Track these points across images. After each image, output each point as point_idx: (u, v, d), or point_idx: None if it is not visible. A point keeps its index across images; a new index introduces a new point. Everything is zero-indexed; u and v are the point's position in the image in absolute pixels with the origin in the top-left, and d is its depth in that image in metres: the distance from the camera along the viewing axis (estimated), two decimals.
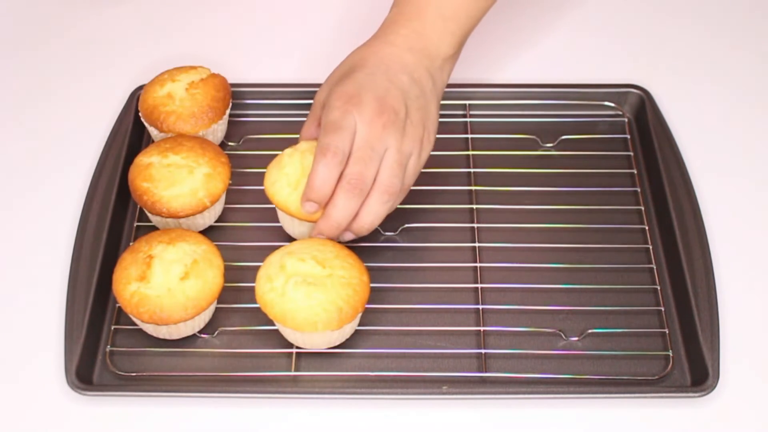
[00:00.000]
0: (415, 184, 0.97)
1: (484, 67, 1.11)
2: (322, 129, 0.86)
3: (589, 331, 0.89)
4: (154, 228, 0.96)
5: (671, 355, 0.87)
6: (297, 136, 1.00)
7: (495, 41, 1.15)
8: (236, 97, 1.04)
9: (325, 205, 0.86)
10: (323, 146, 0.84)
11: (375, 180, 0.86)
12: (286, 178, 0.90)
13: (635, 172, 1.01)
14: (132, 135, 1.02)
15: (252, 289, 0.87)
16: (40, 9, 1.19)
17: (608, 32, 1.16)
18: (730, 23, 1.17)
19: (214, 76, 1.01)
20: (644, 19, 1.17)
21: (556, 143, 1.03)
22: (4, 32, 1.17)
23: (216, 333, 0.89)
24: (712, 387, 0.83)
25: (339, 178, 0.85)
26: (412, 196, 0.96)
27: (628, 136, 1.04)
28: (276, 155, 0.94)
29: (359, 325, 0.89)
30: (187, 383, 0.86)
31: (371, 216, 0.87)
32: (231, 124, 1.04)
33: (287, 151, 0.92)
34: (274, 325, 0.87)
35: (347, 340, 0.88)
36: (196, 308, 0.85)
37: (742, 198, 0.99)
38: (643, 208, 0.98)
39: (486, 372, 0.86)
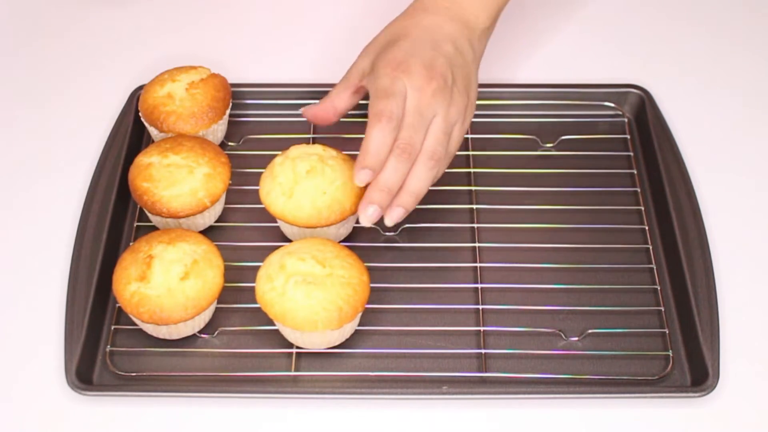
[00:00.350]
0: None
1: (484, 67, 1.11)
2: (373, 95, 0.86)
3: (589, 331, 0.89)
4: (154, 228, 0.96)
5: (671, 355, 0.87)
6: (297, 136, 1.01)
7: (495, 41, 1.14)
8: (236, 97, 1.04)
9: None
10: (378, 112, 0.83)
11: (421, 147, 0.86)
12: (280, 188, 0.91)
13: (635, 172, 1.01)
14: (132, 135, 1.02)
15: (252, 289, 0.87)
16: (40, 9, 1.19)
17: (608, 32, 1.16)
18: (731, 23, 1.17)
19: (214, 76, 1.01)
20: (644, 19, 1.17)
21: (556, 143, 1.03)
22: (4, 32, 1.17)
23: (216, 333, 0.89)
24: (712, 387, 0.83)
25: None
26: None
27: (628, 136, 1.04)
28: (275, 156, 0.94)
29: (359, 325, 0.89)
30: (187, 383, 0.86)
31: (419, 182, 0.85)
32: (231, 124, 1.04)
33: (277, 159, 0.92)
34: (274, 325, 0.87)
35: (347, 340, 0.88)
36: (196, 308, 0.85)
37: (742, 198, 0.99)
38: (643, 208, 0.98)
39: (486, 372, 0.86)
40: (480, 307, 0.90)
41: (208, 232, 0.96)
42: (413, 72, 0.85)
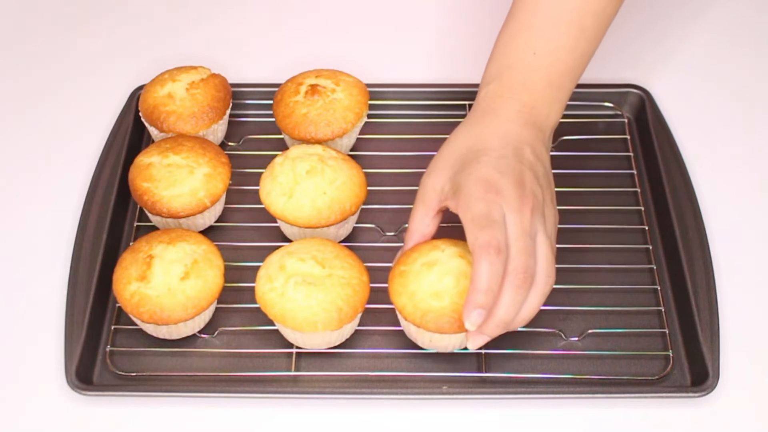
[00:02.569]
0: (415, 185, 0.97)
1: (483, 66, 1.11)
2: (470, 223, 0.79)
3: (589, 331, 0.89)
4: (154, 228, 0.96)
5: (671, 355, 0.87)
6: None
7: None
8: (236, 97, 1.04)
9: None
10: (484, 243, 0.77)
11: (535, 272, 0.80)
12: (281, 188, 0.91)
13: (635, 172, 1.01)
14: (132, 135, 1.02)
15: (252, 289, 0.87)
16: (41, 9, 1.19)
17: (608, 32, 1.16)
18: (731, 23, 1.17)
19: (214, 76, 1.01)
20: (644, 19, 1.17)
21: (556, 143, 1.03)
22: (4, 32, 1.17)
23: (216, 333, 0.89)
24: (712, 387, 0.83)
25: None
26: (412, 196, 0.95)
27: (628, 137, 1.04)
28: (274, 156, 0.94)
29: (359, 325, 0.89)
30: (187, 383, 0.86)
31: (532, 310, 0.80)
32: (231, 124, 1.04)
33: (278, 159, 0.93)
34: (274, 325, 0.87)
35: (347, 340, 0.88)
36: (196, 308, 0.85)
37: (742, 198, 0.99)
38: (643, 209, 0.98)
39: (486, 372, 0.86)
40: None
41: (208, 232, 0.96)
42: (507, 193, 0.79)
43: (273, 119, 1.00)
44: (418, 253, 0.85)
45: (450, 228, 0.96)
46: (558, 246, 0.94)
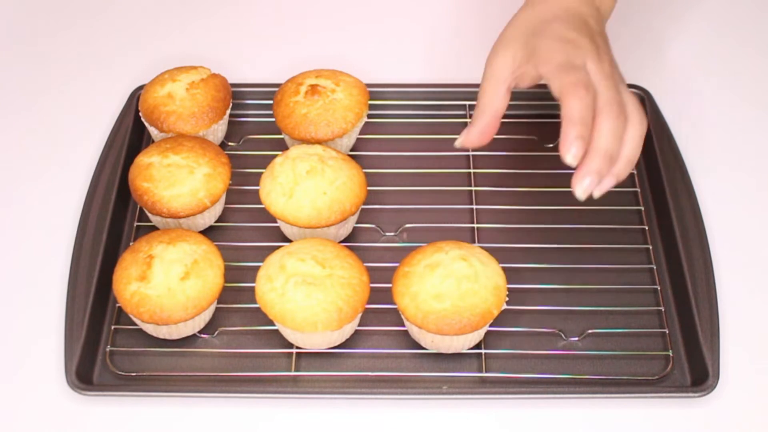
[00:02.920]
0: (415, 185, 0.98)
1: (482, 67, 1.11)
2: (553, 72, 0.80)
3: (589, 331, 0.89)
4: (154, 228, 0.96)
5: (671, 355, 0.87)
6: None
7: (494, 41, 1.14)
8: (236, 97, 1.04)
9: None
10: (572, 82, 0.77)
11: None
12: (281, 188, 0.91)
13: (635, 172, 1.00)
14: (132, 135, 1.02)
15: (252, 289, 0.87)
16: (40, 9, 1.19)
17: (608, 32, 1.16)
18: (731, 23, 1.17)
19: (214, 76, 1.01)
20: (644, 20, 1.17)
21: (556, 143, 1.03)
22: (4, 32, 1.17)
23: (216, 333, 0.89)
24: (712, 387, 0.83)
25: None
26: (412, 196, 0.96)
27: None
28: (275, 156, 0.94)
29: (359, 325, 0.89)
30: (187, 383, 0.86)
31: (634, 148, 0.79)
32: (231, 124, 1.04)
33: (278, 159, 0.93)
34: (274, 325, 0.87)
35: (347, 340, 0.88)
36: (196, 308, 0.85)
37: (742, 198, 0.99)
38: (643, 208, 0.98)
39: (486, 372, 0.86)
40: None
41: (208, 232, 0.96)
42: (585, 47, 0.81)
43: (273, 119, 1.00)
44: (422, 255, 0.85)
45: (454, 229, 0.96)
46: (558, 246, 0.94)
